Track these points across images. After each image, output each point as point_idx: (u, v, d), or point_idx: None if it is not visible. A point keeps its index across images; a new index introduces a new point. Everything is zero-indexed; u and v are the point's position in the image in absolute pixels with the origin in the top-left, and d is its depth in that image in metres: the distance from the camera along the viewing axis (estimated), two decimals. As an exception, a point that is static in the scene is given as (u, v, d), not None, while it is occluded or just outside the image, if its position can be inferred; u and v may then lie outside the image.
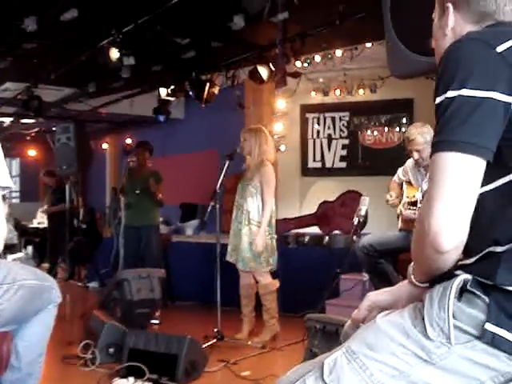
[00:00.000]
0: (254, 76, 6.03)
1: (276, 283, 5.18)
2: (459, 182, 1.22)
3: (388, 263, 4.40)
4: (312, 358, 3.22)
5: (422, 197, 4.08)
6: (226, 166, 5.02)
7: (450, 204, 1.22)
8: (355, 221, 4.16)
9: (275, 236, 5.17)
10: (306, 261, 6.22)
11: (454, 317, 1.22)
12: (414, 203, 4.01)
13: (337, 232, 6.71)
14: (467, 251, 1.28)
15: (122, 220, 6.49)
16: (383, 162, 7.67)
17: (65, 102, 8.39)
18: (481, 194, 1.27)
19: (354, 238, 4.48)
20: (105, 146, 12.58)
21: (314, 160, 8.34)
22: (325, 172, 8.27)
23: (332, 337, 3.12)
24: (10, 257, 4.01)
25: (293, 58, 5.77)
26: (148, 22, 5.12)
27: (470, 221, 1.24)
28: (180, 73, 6.87)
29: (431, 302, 1.26)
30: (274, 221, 5.13)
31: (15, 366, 2.13)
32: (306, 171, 8.42)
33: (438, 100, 1.29)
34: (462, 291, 1.24)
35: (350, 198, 6.64)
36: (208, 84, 6.72)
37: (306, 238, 6.51)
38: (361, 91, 7.92)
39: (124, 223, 6.45)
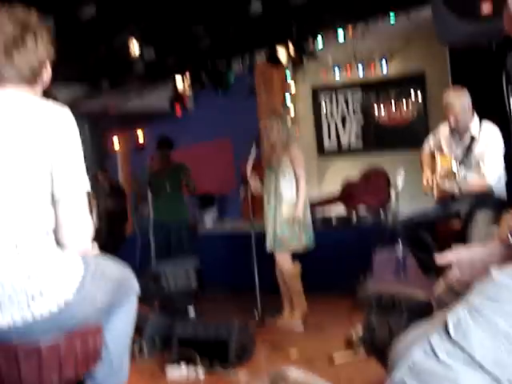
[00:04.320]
0: (273, 58, 5.98)
1: (298, 266, 5.22)
2: None
3: (427, 234, 4.40)
4: (371, 330, 3.24)
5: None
6: (255, 152, 5.13)
7: None
8: (392, 194, 4.15)
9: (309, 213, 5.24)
10: (335, 242, 6.21)
11: None
12: (450, 175, 3.95)
13: (363, 210, 6.66)
14: None
15: (151, 215, 6.43)
16: (397, 137, 7.66)
17: (77, 100, 8.34)
18: None
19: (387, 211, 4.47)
20: (115, 143, 12.42)
21: (330, 140, 8.33)
22: (341, 151, 8.25)
23: (389, 309, 3.13)
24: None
25: (310, 36, 5.73)
26: (164, 12, 5.09)
27: None
28: (195, 63, 6.82)
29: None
30: (307, 199, 5.23)
31: (106, 358, 2.13)
32: (322, 152, 8.40)
33: None
34: None
35: (374, 175, 6.66)
36: (225, 72, 6.69)
37: (334, 221, 6.51)
38: (371, 68, 7.86)
39: (154, 218, 6.41)
